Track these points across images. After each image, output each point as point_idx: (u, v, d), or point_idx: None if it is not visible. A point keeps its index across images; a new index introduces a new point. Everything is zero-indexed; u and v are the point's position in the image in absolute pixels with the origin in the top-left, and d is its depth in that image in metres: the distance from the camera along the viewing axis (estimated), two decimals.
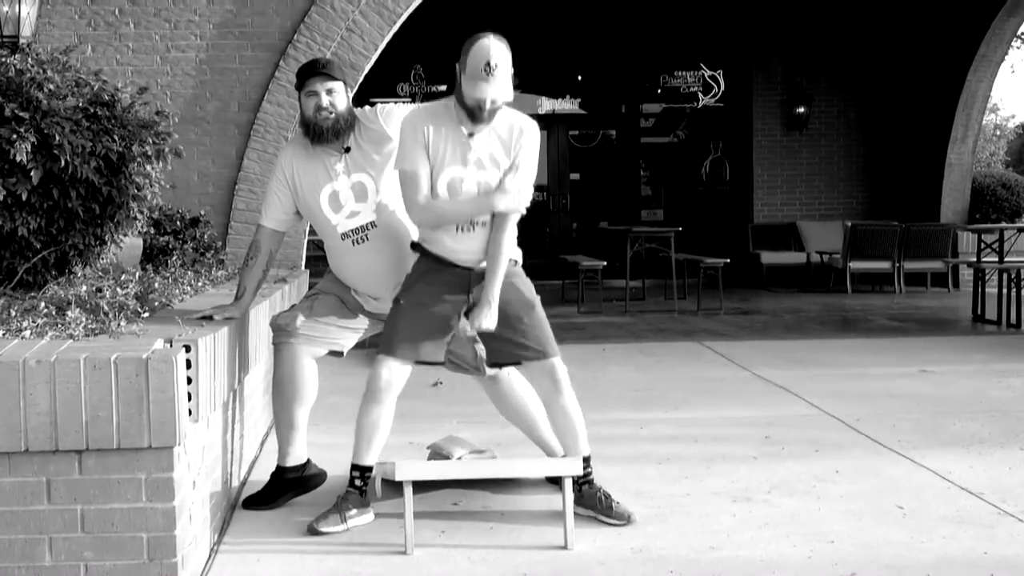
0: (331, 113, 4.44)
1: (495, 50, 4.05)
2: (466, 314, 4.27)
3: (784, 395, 7.09)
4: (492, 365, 4.40)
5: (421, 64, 16.05)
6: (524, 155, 4.24)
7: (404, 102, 5.09)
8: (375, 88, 13.37)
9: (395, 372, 4.26)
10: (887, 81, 15.72)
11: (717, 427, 6.10)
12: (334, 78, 4.48)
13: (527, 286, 4.40)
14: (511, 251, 4.29)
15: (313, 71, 4.50)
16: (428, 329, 4.26)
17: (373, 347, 4.41)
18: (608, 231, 15.19)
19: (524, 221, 4.38)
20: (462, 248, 4.26)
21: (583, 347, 9.33)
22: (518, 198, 4.21)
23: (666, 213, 17.07)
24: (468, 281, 4.28)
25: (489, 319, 4.19)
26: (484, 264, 4.25)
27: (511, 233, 4.26)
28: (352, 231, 4.55)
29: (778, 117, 16.13)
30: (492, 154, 4.22)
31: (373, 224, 4.54)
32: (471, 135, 4.20)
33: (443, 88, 16.10)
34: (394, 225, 4.55)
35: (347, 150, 4.52)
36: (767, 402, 6.86)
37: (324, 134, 4.46)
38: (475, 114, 4.12)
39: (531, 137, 4.26)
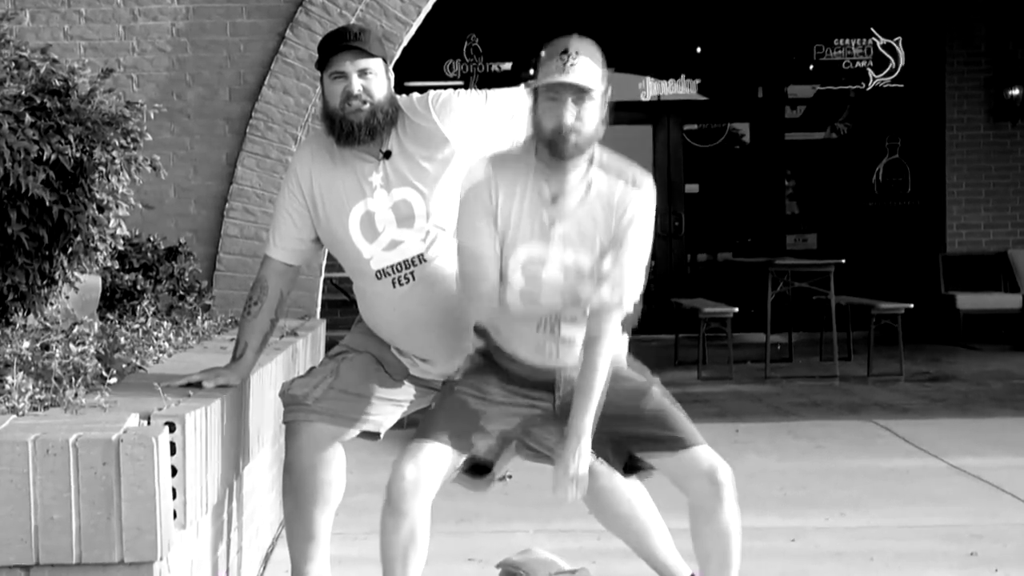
0: (365, 103, 4.44)
1: (576, 40, 4.07)
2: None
3: (995, 495, 7.06)
4: (627, 472, 4.43)
5: (477, 34, 16.17)
6: (632, 229, 4.17)
7: (456, 87, 5.05)
8: (415, 67, 13.49)
9: (423, 467, 4.18)
10: None
11: (901, 539, 6.09)
12: (370, 54, 4.48)
13: (634, 374, 4.41)
14: (608, 364, 4.22)
15: (341, 44, 4.49)
16: (487, 419, 4.29)
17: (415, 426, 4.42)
18: (739, 264, 15.18)
19: None
20: (544, 355, 4.30)
21: (708, 427, 9.10)
22: (619, 290, 4.13)
23: (821, 239, 17.04)
24: (553, 380, 4.31)
25: (578, 462, 4.16)
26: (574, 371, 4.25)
27: (609, 343, 4.21)
28: (392, 267, 4.57)
29: (982, 102, 16.04)
30: (585, 226, 4.18)
31: (422, 258, 4.54)
32: (555, 199, 4.16)
33: (506, 66, 16.21)
34: (451, 260, 4.49)
35: (387, 155, 4.54)
36: (971, 505, 6.82)
37: (356, 132, 4.46)
38: (555, 146, 4.07)
39: (644, 203, 4.20)
